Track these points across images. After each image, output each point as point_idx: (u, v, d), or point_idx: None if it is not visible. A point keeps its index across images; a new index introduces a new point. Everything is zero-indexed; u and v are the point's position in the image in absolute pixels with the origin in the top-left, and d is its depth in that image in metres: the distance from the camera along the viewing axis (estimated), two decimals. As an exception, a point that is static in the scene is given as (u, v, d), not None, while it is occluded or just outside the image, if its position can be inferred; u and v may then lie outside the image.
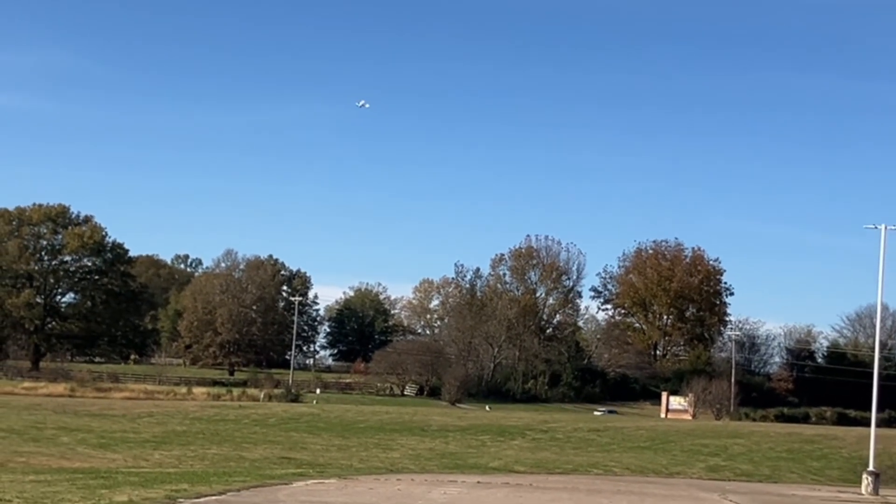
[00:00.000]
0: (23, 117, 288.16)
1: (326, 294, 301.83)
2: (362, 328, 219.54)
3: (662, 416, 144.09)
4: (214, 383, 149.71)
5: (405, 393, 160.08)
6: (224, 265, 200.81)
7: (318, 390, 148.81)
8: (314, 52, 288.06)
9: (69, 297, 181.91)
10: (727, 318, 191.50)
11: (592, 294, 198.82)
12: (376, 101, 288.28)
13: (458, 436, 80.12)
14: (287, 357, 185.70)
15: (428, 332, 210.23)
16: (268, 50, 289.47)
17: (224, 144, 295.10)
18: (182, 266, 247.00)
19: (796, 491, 49.22)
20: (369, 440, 73.25)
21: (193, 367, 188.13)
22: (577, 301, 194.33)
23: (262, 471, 43.50)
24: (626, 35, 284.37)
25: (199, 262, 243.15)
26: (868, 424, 57.95)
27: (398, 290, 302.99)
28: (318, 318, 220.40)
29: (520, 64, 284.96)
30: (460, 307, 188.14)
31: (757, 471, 64.62)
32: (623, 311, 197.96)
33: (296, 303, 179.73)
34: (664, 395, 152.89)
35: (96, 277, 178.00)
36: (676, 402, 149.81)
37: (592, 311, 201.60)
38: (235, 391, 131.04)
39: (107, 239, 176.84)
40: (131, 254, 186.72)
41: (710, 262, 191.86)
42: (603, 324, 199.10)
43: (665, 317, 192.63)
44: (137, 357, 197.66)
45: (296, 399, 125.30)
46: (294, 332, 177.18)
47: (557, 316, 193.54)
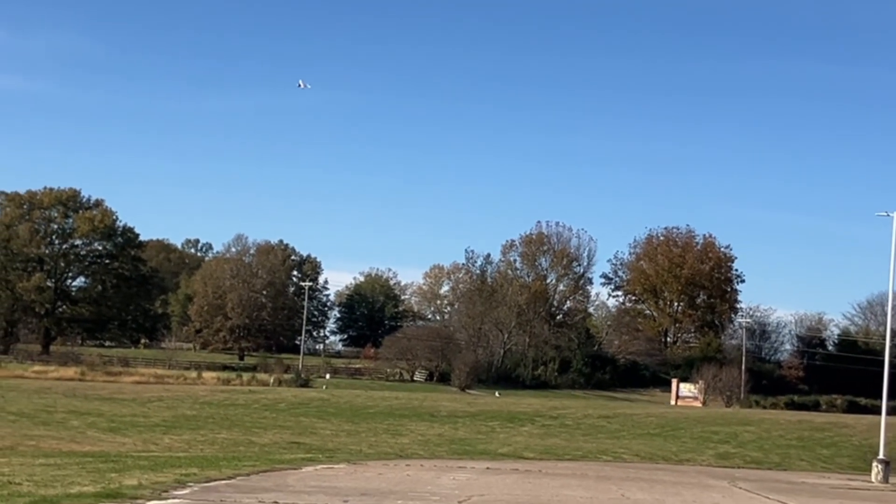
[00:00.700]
0: (34, 101, 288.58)
1: (337, 279, 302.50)
2: (372, 313, 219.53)
3: (672, 403, 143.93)
4: (224, 368, 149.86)
5: (415, 378, 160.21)
6: (234, 250, 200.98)
7: (327, 375, 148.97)
8: (325, 36, 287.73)
9: (80, 281, 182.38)
10: (738, 306, 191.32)
11: (603, 281, 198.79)
12: (387, 86, 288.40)
13: (467, 422, 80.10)
14: (297, 342, 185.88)
15: (438, 317, 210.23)
16: (279, 34, 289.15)
17: (235, 129, 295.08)
18: (192, 250, 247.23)
19: (806, 479, 49.11)
20: (379, 426, 73.26)
21: (203, 352, 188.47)
22: (588, 287, 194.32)
23: (272, 455, 43.51)
24: (637, 21, 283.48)
25: (210, 247, 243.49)
26: (878, 412, 57.78)
27: (408, 275, 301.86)
28: (328, 304, 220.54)
29: (530, 50, 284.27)
30: (470, 293, 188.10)
31: (767, 458, 64.50)
32: (634, 298, 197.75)
33: (306, 288, 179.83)
34: (674, 382, 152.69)
35: (107, 261, 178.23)
36: (686, 389, 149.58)
37: (603, 297, 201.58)
38: (245, 376, 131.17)
39: (117, 223, 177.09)
40: (142, 238, 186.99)
41: (722, 249, 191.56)
42: (613, 310, 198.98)
43: (676, 304, 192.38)
44: (148, 341, 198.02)
45: (305, 384, 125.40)
46: (304, 317, 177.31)
47: (568, 302, 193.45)
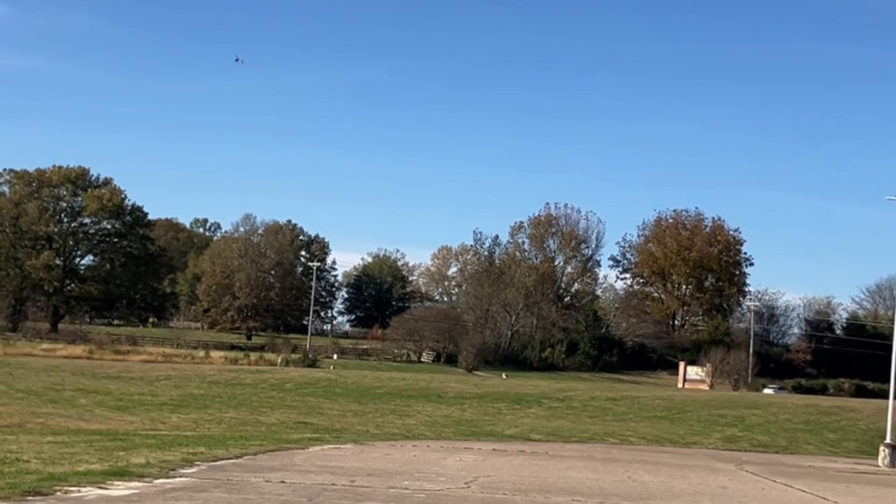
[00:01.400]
0: (44, 80, 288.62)
1: (345, 260, 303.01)
2: (380, 294, 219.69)
3: (680, 386, 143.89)
4: (232, 347, 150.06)
5: (422, 360, 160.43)
6: (243, 229, 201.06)
7: (335, 356, 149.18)
8: (334, 15, 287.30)
9: (88, 259, 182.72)
10: (746, 289, 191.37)
11: (611, 263, 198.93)
12: (396, 67, 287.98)
13: (474, 403, 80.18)
14: (304, 322, 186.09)
15: (446, 299, 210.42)
16: (287, 13, 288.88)
17: (244, 108, 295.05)
18: (201, 230, 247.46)
19: (813, 462, 49.09)
20: (385, 406, 73.36)
21: (211, 331, 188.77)
22: (596, 270, 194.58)
23: (279, 435, 43.58)
24: (641, 1, 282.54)
25: (218, 226, 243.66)
26: (886, 396, 57.75)
27: (416, 256, 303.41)
28: (335, 284, 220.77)
29: (538, 30, 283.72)
30: (478, 274, 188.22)
31: (774, 442, 64.49)
32: (642, 281, 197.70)
33: (314, 268, 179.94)
34: (682, 365, 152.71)
35: (115, 240, 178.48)
36: (694, 372, 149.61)
37: (611, 280, 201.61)
38: (253, 355, 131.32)
39: (126, 202, 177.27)
40: (150, 217, 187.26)
41: (731, 233, 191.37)
42: (621, 293, 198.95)
43: (684, 287, 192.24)
44: (156, 320, 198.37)
45: (313, 364, 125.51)
46: (312, 298, 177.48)
47: (576, 284, 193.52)
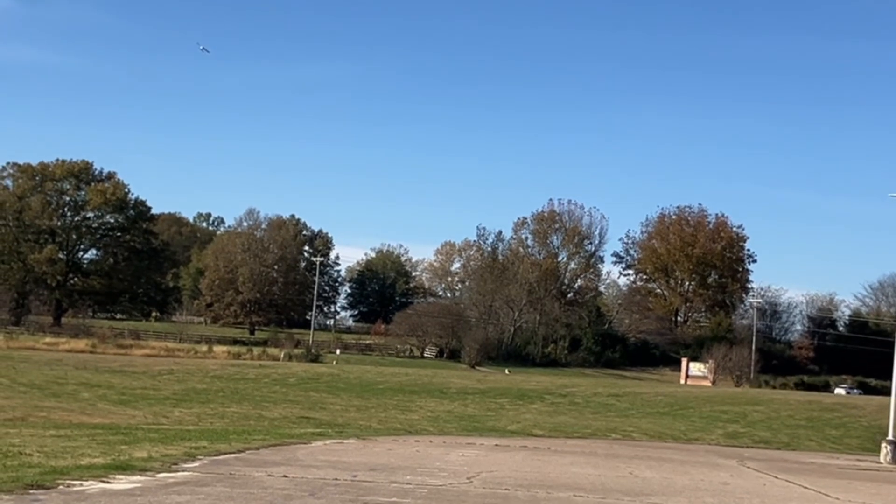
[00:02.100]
0: (47, 72, 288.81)
1: (348, 255, 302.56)
2: (383, 290, 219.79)
3: (682, 382, 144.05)
4: (235, 342, 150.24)
5: (425, 355, 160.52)
6: (246, 224, 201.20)
7: (338, 351, 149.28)
8: (337, 9, 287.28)
9: (91, 253, 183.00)
10: (749, 286, 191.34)
11: (614, 259, 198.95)
12: (399, 59, 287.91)
13: (476, 399, 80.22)
14: (308, 317, 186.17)
15: (449, 294, 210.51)
16: (291, 6, 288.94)
17: (248, 103, 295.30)
18: (204, 224, 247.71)
19: (815, 459, 49.11)
20: (388, 401, 73.41)
21: (214, 326, 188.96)
22: (599, 266, 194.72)
23: (281, 430, 43.63)
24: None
25: (221, 221, 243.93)
26: (888, 394, 57.71)
27: (420, 252, 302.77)
28: (339, 279, 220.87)
29: (540, 23, 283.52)
30: (482, 270, 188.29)
31: (775, 438, 64.51)
32: (645, 277, 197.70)
33: (317, 263, 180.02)
34: (684, 362, 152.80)
35: (118, 234, 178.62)
36: (696, 368, 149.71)
37: (614, 276, 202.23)
38: (256, 350, 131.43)
39: (129, 196, 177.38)
40: (154, 211, 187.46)
41: (734, 229, 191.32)
42: (624, 289, 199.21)
43: (687, 283, 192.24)
44: (159, 314, 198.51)
45: (316, 359, 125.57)
46: (315, 293, 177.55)
47: (579, 280, 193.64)
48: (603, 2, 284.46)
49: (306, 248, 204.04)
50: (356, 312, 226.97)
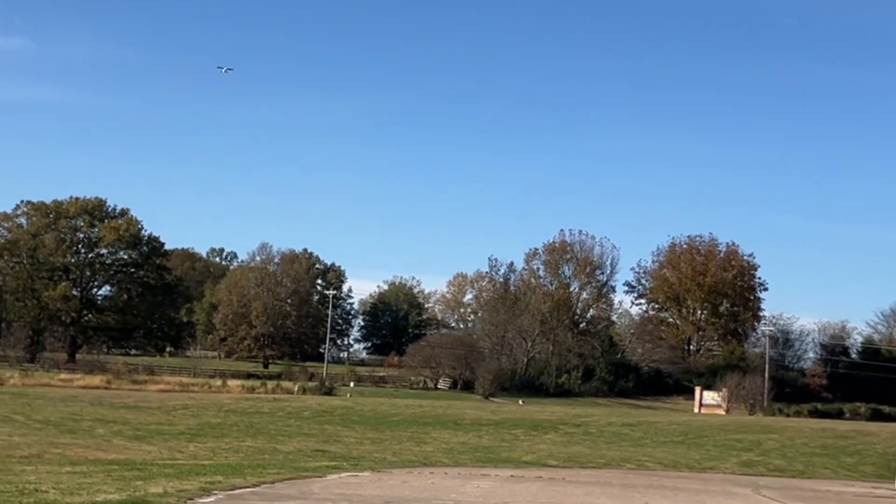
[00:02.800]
0: (60, 109, 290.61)
1: (360, 288, 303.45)
2: (396, 322, 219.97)
3: (696, 410, 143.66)
4: (249, 376, 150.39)
5: (438, 386, 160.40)
6: (259, 258, 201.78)
7: (351, 383, 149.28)
8: (347, 42, 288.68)
9: (105, 289, 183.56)
10: (761, 314, 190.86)
11: (626, 289, 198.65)
12: (409, 91, 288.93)
13: (491, 430, 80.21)
14: (321, 350, 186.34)
15: (461, 325, 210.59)
16: (301, 40, 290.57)
17: (259, 137, 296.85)
18: (217, 259, 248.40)
19: (830, 486, 49.06)
20: (403, 433, 73.43)
21: (228, 360, 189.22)
22: (611, 296, 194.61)
23: (296, 463, 43.78)
24: (660, 18, 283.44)
25: (235, 256, 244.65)
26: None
27: (432, 283, 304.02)
28: (352, 312, 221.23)
29: (550, 54, 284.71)
30: (494, 301, 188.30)
31: (790, 466, 64.38)
32: (657, 306, 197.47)
33: (330, 296, 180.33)
34: (697, 390, 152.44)
35: (132, 270, 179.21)
36: (710, 396, 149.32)
37: (626, 305, 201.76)
38: (270, 384, 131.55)
39: (143, 232, 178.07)
40: (167, 247, 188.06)
41: (745, 258, 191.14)
42: (636, 318, 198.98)
43: (699, 312, 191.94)
44: (173, 349, 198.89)
45: (330, 392, 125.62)
46: (328, 326, 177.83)
47: (591, 310, 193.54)
48: (613, 28, 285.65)
49: (319, 281, 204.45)
50: (369, 345, 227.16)
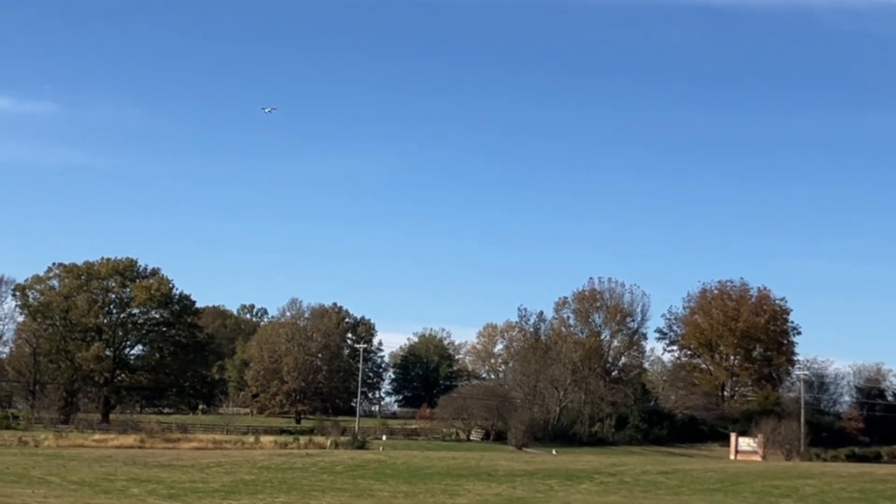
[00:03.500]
0: (90, 172, 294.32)
1: (391, 340, 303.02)
2: (427, 374, 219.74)
3: (732, 457, 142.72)
4: (281, 432, 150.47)
5: (471, 438, 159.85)
6: (289, 314, 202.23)
7: (384, 437, 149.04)
8: (373, 97, 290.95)
9: (138, 349, 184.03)
10: (795, 358, 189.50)
11: (658, 335, 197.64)
12: (437, 145, 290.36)
13: (525, 480, 79.89)
14: (353, 404, 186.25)
15: (493, 376, 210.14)
16: (325, 100, 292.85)
17: (286, 193, 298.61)
18: (248, 316, 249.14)
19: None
20: (436, 486, 73.27)
21: (260, 416, 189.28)
22: (643, 343, 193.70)
23: (331, 518, 43.82)
24: (687, 73, 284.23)
25: (265, 312, 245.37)
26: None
27: (462, 335, 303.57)
28: (382, 365, 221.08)
29: (579, 104, 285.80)
30: (525, 351, 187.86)
31: (828, 511, 63.89)
32: (689, 352, 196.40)
33: (361, 350, 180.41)
34: (733, 437, 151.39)
35: (164, 329, 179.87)
36: (746, 443, 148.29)
37: (658, 352, 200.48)
38: (302, 439, 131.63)
39: (174, 291, 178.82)
40: (198, 305, 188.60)
41: (777, 302, 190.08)
42: (669, 365, 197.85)
43: (732, 357, 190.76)
44: (205, 407, 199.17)
45: (362, 446, 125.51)
46: (359, 379, 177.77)
47: (623, 358, 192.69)
48: (629, 84, 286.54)
49: (349, 335, 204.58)
50: (401, 397, 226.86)
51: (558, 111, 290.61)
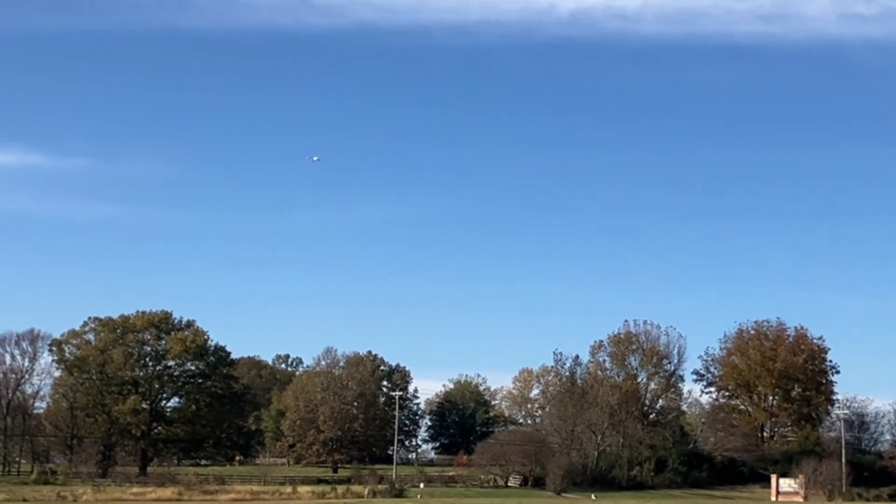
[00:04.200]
0: (124, 226, 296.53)
1: (426, 387, 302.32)
2: (463, 420, 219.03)
3: (773, 499, 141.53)
4: (319, 481, 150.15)
5: (509, 484, 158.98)
6: (324, 363, 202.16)
7: (421, 484, 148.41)
8: (407, 148, 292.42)
9: (174, 401, 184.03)
10: (834, 397, 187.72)
11: (695, 377, 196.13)
12: (468, 193, 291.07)
13: (564, 526, 79.41)
14: (389, 452, 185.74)
15: (529, 421, 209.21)
16: (357, 149, 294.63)
17: (318, 243, 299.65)
18: (283, 366, 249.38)
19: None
20: (475, 534, 72.92)
21: (297, 466, 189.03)
22: (680, 385, 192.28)
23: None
24: (717, 113, 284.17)
25: (300, 361, 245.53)
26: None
27: (498, 380, 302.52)
28: (418, 412, 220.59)
29: (610, 147, 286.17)
30: (561, 395, 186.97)
31: (872, 552, 63.18)
32: (727, 394, 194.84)
33: (396, 397, 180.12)
34: (773, 478, 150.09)
35: (200, 381, 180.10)
36: (787, 484, 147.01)
37: (696, 394, 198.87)
38: (340, 488, 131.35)
39: (209, 342, 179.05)
40: (233, 356, 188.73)
41: (814, 341, 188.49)
42: (707, 407, 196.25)
43: (770, 398, 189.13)
44: (242, 458, 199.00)
45: (400, 494, 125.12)
46: (396, 427, 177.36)
47: (660, 400, 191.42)
48: (653, 125, 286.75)
49: (385, 383, 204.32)
50: (437, 444, 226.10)
51: (588, 154, 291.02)
